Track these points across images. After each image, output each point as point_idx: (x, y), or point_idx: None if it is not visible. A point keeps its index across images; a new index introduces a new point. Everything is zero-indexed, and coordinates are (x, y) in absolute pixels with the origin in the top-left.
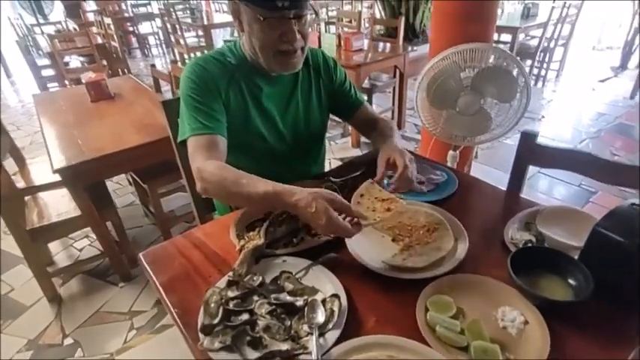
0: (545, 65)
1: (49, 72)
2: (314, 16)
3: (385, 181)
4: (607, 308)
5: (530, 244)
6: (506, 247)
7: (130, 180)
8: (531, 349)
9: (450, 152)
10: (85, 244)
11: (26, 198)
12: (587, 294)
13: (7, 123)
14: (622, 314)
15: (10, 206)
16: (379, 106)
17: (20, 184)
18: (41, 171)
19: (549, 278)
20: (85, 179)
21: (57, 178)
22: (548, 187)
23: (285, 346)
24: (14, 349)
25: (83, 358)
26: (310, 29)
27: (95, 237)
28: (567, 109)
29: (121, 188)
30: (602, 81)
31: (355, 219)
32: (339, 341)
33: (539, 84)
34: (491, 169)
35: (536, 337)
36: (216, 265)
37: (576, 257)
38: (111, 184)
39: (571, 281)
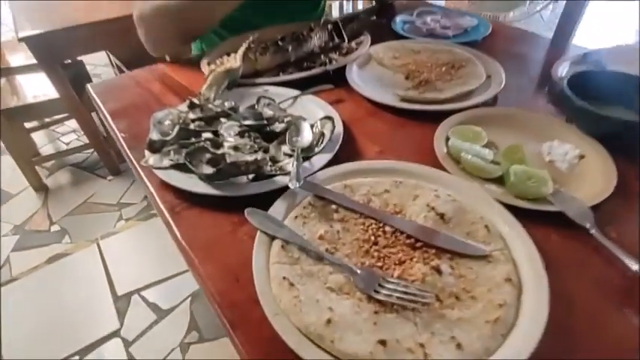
0: None
1: None
2: None
3: None
4: None
5: None
6: (555, 85)
7: (117, 73)
8: (588, 185)
9: None
10: (72, 138)
11: (3, 82)
12: None
13: None
14: None
15: None
16: None
17: None
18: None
19: (614, 110)
20: (58, 54)
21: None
22: None
23: (251, 157)
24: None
25: (69, 243)
26: None
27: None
28: None
29: None
30: None
31: None
32: (330, 165)
33: None
34: None
35: (595, 172)
36: (181, 95)
37: None
38: (96, 80)
39: None
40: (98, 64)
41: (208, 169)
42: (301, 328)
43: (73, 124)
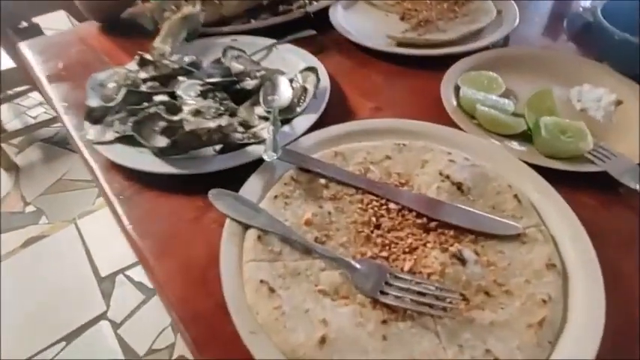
0: None
1: None
2: None
3: None
4: None
5: None
6: (577, 18)
7: None
8: (630, 137)
9: None
10: (40, 111)
11: None
12: None
13: None
14: None
15: None
16: None
17: None
18: None
19: None
20: (10, 16)
21: None
22: None
23: (214, 123)
24: None
25: (46, 223)
26: None
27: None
28: None
29: None
30: None
31: None
32: (315, 129)
33: None
34: None
35: (637, 120)
36: (133, 53)
37: None
38: None
39: None
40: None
41: (162, 141)
42: (286, 352)
43: (39, 95)
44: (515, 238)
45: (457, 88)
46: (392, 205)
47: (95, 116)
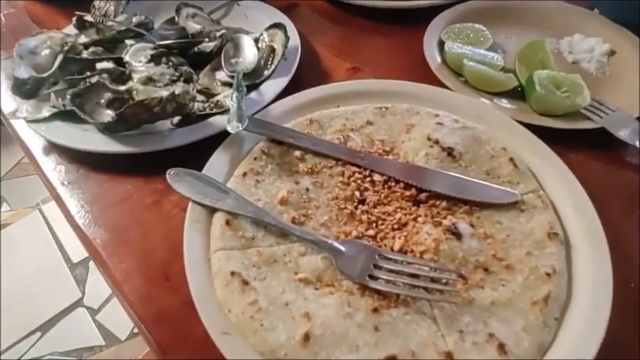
0: None
1: None
2: None
3: None
4: None
5: None
6: None
7: None
8: (626, 89)
9: None
10: None
11: None
12: None
13: None
14: None
15: None
16: None
17: None
18: None
19: None
20: None
21: None
22: None
23: (166, 91)
24: None
25: (9, 211)
26: None
27: None
28: None
29: None
30: None
31: None
32: (286, 95)
33: None
34: None
35: (631, 71)
36: (71, 16)
37: None
38: None
39: None
40: None
41: (108, 116)
42: (265, 353)
43: None
44: (513, 206)
45: (441, 44)
46: (376, 177)
47: (27, 90)
